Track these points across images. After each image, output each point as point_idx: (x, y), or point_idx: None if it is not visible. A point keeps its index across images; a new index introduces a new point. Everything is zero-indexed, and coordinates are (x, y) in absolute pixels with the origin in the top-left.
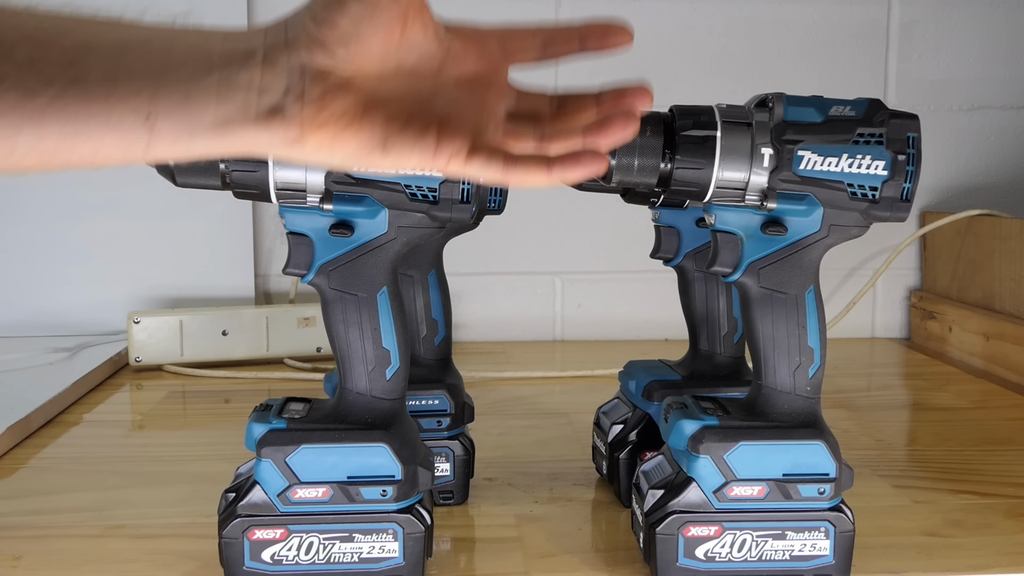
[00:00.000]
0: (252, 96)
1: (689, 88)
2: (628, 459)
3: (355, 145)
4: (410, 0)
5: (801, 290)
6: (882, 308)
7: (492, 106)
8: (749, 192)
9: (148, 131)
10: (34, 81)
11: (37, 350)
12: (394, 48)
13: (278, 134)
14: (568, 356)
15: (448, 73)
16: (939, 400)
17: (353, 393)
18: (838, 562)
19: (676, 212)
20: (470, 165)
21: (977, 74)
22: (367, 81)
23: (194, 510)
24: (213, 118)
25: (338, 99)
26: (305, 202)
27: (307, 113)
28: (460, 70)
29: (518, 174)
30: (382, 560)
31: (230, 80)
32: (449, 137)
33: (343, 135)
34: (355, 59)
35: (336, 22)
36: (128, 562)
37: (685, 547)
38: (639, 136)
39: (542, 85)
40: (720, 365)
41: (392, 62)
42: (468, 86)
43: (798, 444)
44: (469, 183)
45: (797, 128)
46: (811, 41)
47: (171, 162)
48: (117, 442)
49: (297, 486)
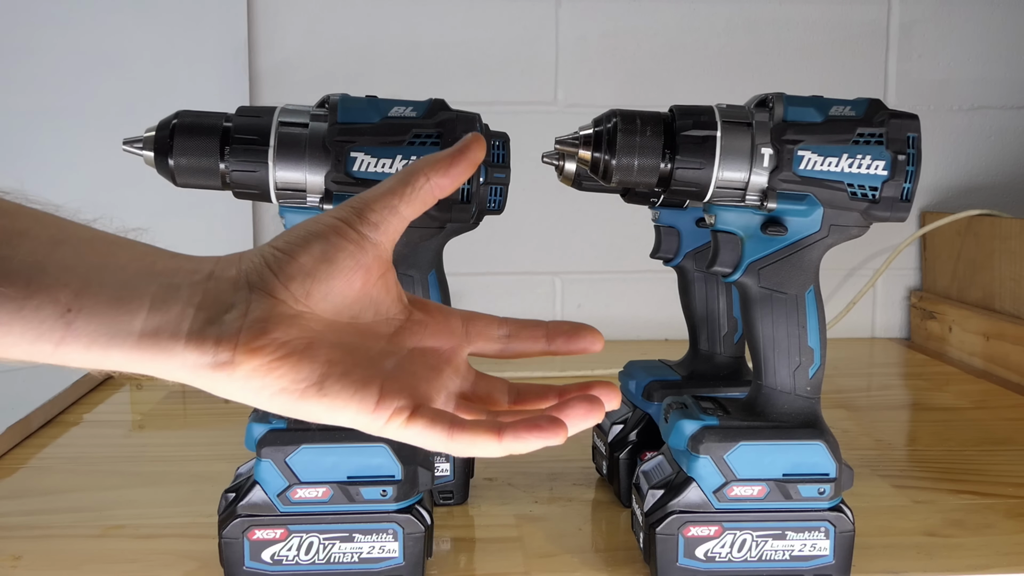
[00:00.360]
0: (189, 310)
1: (689, 88)
2: (628, 459)
3: (290, 380)
4: (376, 256)
5: (801, 290)
6: (882, 308)
7: (444, 381)
8: (749, 192)
9: (64, 327)
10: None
11: None
12: (352, 299)
13: (208, 354)
14: (568, 356)
15: (404, 340)
16: (939, 400)
17: None
18: (838, 562)
19: (676, 212)
20: (411, 426)
21: (977, 74)
22: (317, 323)
23: (194, 510)
24: (141, 327)
25: (281, 328)
26: (305, 202)
27: (244, 336)
28: (418, 341)
29: (464, 440)
30: (382, 560)
31: (169, 290)
32: (393, 395)
33: (278, 366)
34: (309, 297)
35: (296, 256)
36: (128, 562)
37: (685, 547)
38: (639, 136)
39: (502, 378)
40: (720, 365)
41: (348, 313)
42: (423, 357)
43: (798, 444)
44: (469, 183)
45: (797, 128)
46: (811, 41)
47: (80, 364)
48: (117, 442)
49: (297, 486)
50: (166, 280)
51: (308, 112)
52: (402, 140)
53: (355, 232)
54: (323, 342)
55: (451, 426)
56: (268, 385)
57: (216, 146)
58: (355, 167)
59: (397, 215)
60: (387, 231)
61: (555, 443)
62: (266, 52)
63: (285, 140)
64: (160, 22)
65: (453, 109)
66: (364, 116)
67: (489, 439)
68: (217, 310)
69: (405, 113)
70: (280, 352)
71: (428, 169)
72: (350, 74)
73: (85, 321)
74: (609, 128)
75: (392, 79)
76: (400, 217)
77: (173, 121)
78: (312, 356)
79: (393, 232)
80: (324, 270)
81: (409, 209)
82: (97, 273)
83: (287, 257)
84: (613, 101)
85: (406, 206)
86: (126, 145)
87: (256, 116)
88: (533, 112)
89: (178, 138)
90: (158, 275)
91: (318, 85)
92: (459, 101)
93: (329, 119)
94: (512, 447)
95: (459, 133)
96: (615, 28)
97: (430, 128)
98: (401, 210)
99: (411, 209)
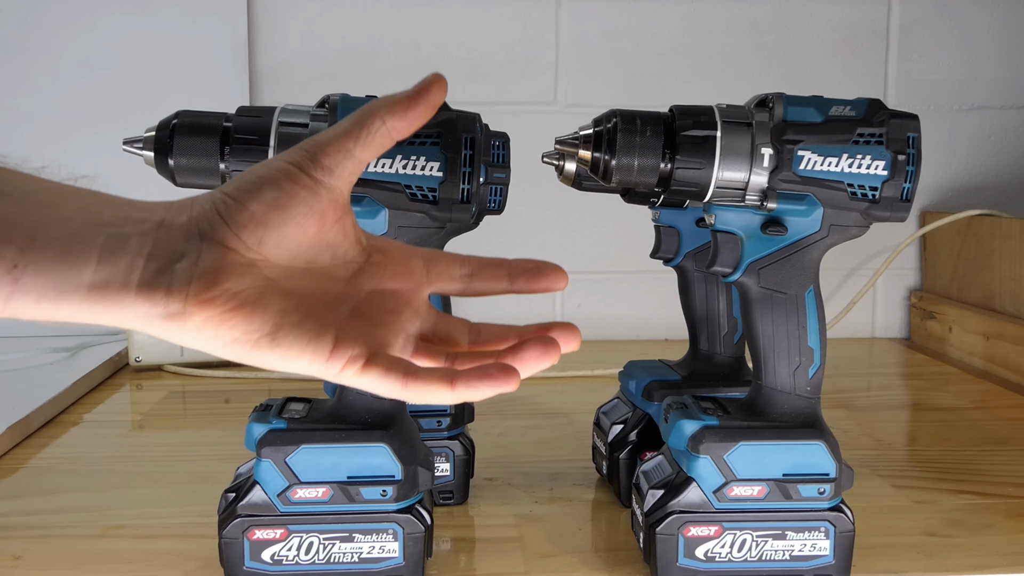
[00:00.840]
0: (139, 260)
1: (689, 88)
2: (628, 459)
3: (242, 331)
4: (331, 201)
5: (801, 290)
6: (882, 308)
7: (403, 324)
8: (749, 192)
9: (11, 283)
10: None
11: (37, 350)
12: (307, 244)
13: (159, 305)
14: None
15: (363, 283)
16: (939, 400)
17: (353, 393)
18: (838, 562)
19: (676, 212)
20: (365, 375)
21: (977, 74)
22: (270, 269)
23: (194, 510)
24: (90, 280)
25: (233, 278)
26: None
27: (195, 287)
28: (376, 283)
29: (418, 389)
30: (382, 560)
31: (118, 241)
32: (348, 343)
33: (230, 317)
34: (261, 245)
35: (247, 204)
36: (128, 562)
37: (685, 547)
38: (639, 136)
39: (462, 318)
40: (720, 365)
41: (303, 259)
42: (381, 300)
43: (798, 444)
44: (469, 183)
45: (797, 128)
46: (811, 41)
47: (31, 317)
48: (117, 442)
49: (297, 486)
50: (114, 230)
51: (308, 112)
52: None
53: (308, 177)
54: (276, 290)
55: (405, 375)
56: (221, 335)
57: (216, 146)
58: None
59: (352, 158)
60: (342, 175)
61: (507, 390)
62: (266, 52)
63: (285, 140)
64: (160, 22)
65: (453, 109)
66: None
67: (442, 388)
68: (167, 259)
69: None
70: (232, 303)
71: (384, 111)
72: (350, 74)
73: (32, 276)
74: (609, 128)
75: (392, 79)
76: (355, 160)
77: (173, 121)
78: (265, 306)
79: (348, 175)
80: (276, 217)
81: (365, 152)
82: (43, 227)
83: (237, 204)
84: (613, 101)
85: (361, 149)
86: (126, 145)
87: (256, 116)
88: (533, 112)
89: (178, 138)
90: (106, 225)
91: (318, 85)
92: (459, 101)
93: (329, 119)
94: (464, 395)
95: (459, 133)
96: (615, 28)
97: (430, 128)
98: (356, 153)
99: (367, 152)
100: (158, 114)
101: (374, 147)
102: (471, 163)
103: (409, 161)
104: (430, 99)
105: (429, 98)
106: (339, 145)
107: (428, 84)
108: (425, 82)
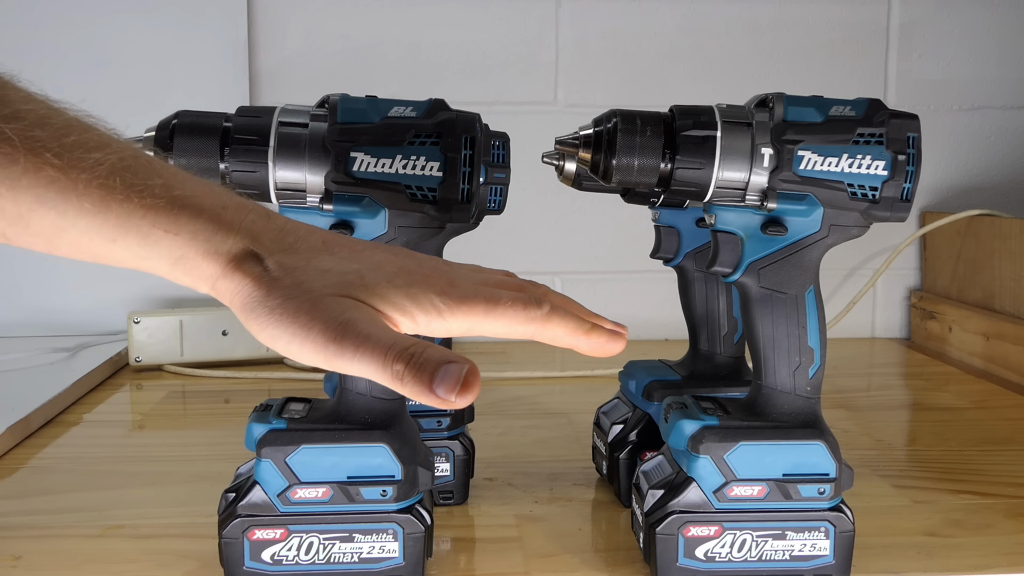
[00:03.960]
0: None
1: (689, 88)
2: (628, 459)
3: None
4: None
5: (801, 290)
6: (882, 308)
7: None
8: (749, 192)
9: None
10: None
11: (37, 350)
12: None
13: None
14: (568, 356)
15: None
16: (939, 400)
17: (353, 393)
18: (838, 562)
19: (676, 212)
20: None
21: (977, 74)
22: None
23: (194, 510)
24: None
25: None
26: (305, 202)
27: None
28: None
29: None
30: (382, 560)
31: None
32: None
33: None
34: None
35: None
36: (128, 562)
37: (685, 547)
38: (639, 136)
39: None
40: (720, 365)
41: None
42: None
43: (798, 444)
44: (469, 183)
45: (797, 128)
46: (811, 41)
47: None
48: (117, 442)
49: (297, 486)
50: None
51: (308, 112)
52: (402, 140)
53: None
54: None
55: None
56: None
57: (216, 146)
58: (355, 167)
59: None
60: None
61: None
62: (266, 52)
63: (285, 140)
64: (160, 22)
65: (453, 109)
66: (364, 116)
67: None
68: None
69: (405, 113)
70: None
71: None
72: (350, 74)
73: None
74: (609, 128)
75: (392, 79)
76: None
77: (173, 121)
78: None
79: None
80: None
81: None
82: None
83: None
84: (613, 101)
85: None
86: None
87: (256, 116)
88: (533, 112)
89: (178, 138)
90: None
91: (318, 85)
92: (459, 101)
93: (329, 119)
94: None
95: (459, 133)
96: (615, 28)
97: (430, 128)
98: None
99: None
100: (158, 114)
101: None
102: (471, 163)
103: (409, 161)
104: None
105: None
106: None
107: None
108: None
